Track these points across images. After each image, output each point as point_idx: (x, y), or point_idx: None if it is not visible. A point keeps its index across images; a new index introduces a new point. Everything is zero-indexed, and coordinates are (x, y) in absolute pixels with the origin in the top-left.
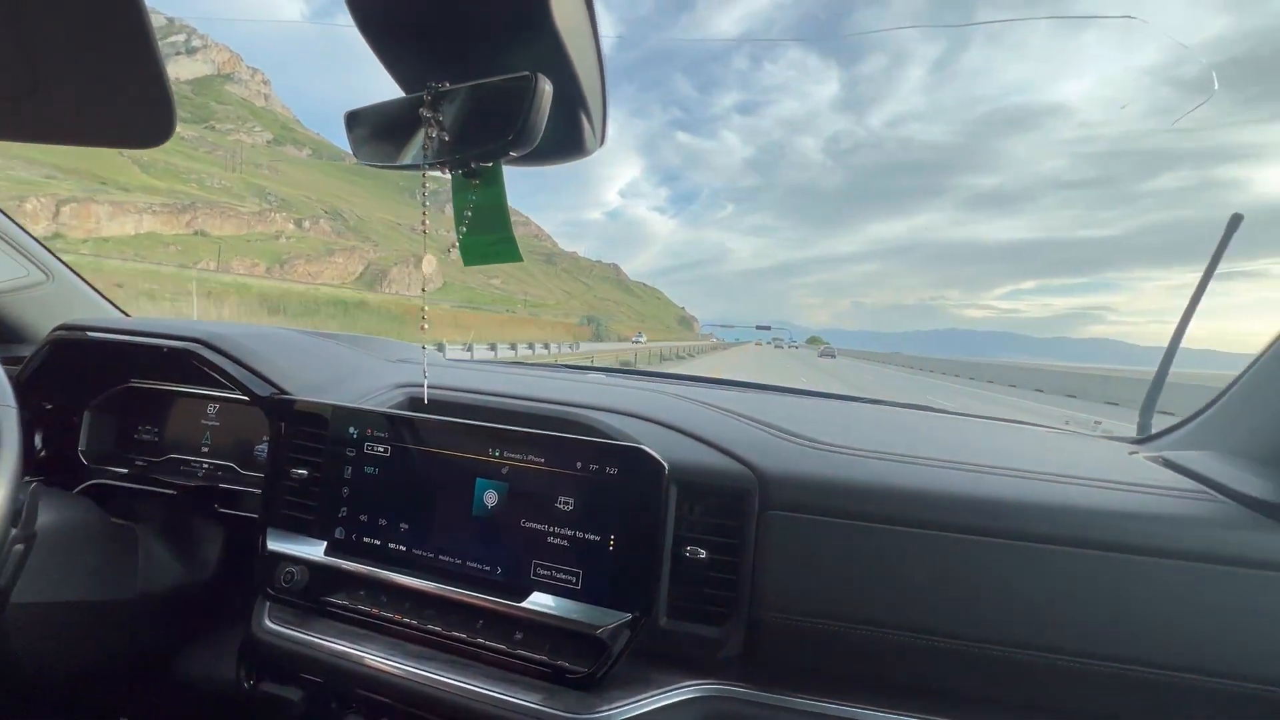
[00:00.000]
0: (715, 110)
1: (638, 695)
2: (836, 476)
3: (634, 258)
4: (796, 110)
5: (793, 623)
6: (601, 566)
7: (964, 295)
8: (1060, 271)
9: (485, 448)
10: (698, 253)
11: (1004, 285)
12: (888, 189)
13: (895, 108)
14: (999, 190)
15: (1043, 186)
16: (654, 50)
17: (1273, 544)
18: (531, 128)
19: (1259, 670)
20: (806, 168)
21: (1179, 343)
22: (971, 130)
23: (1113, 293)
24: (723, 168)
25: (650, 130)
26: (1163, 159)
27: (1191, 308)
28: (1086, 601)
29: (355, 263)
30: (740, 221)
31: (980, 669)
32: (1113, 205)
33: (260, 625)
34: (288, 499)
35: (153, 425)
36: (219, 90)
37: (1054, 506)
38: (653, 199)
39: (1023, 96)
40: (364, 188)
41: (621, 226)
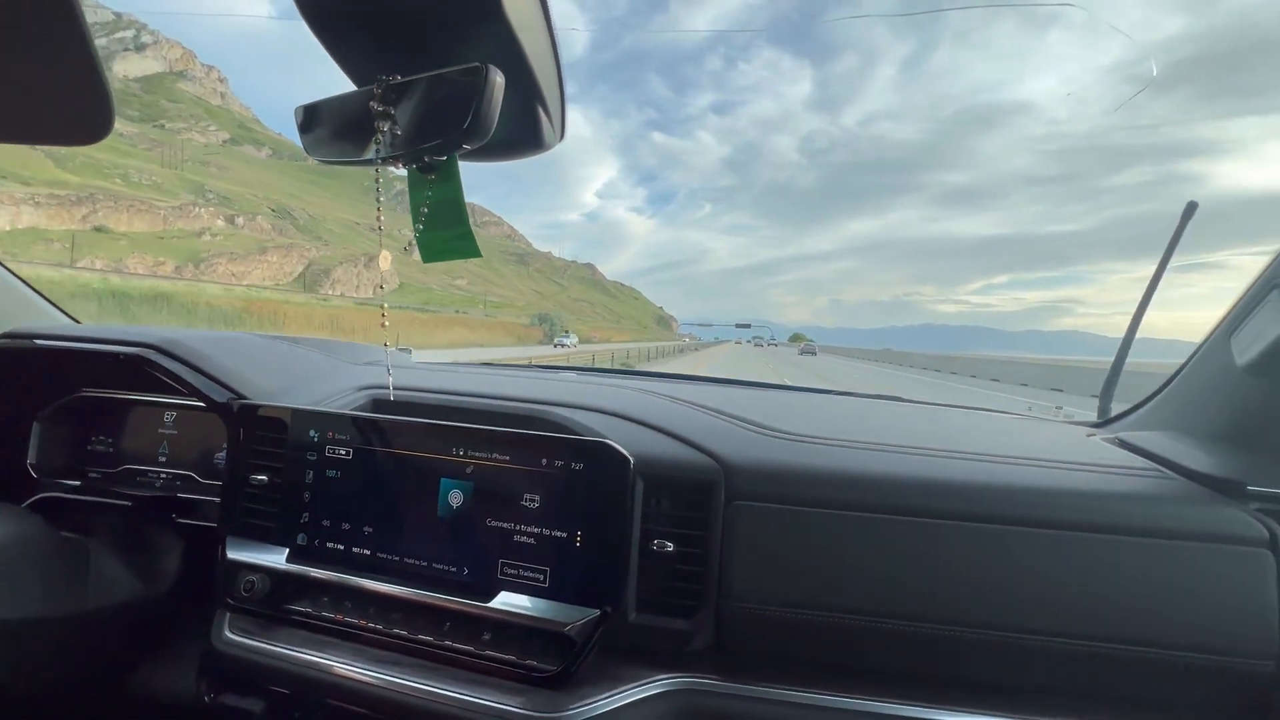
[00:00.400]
0: (690, 110)
1: (608, 691)
2: (801, 465)
3: (613, 258)
4: (771, 110)
5: (762, 612)
6: (569, 563)
7: (938, 291)
8: (1030, 266)
9: (449, 447)
10: (676, 253)
11: (977, 280)
12: (862, 187)
13: (867, 106)
14: (969, 187)
15: (1012, 183)
16: (628, 50)
17: (1219, 517)
18: (484, 120)
19: (1211, 642)
20: (782, 167)
21: (1137, 329)
22: (942, 128)
23: (1081, 285)
24: (699, 168)
25: (626, 131)
26: (1125, 155)
27: (1149, 294)
28: (1045, 580)
29: (293, 261)
30: (718, 221)
31: (947, 651)
32: (1079, 200)
33: (220, 637)
34: (247, 506)
35: (107, 435)
36: (171, 88)
37: (1012, 488)
38: (630, 199)
39: (990, 95)
40: (325, 187)
41: (600, 228)
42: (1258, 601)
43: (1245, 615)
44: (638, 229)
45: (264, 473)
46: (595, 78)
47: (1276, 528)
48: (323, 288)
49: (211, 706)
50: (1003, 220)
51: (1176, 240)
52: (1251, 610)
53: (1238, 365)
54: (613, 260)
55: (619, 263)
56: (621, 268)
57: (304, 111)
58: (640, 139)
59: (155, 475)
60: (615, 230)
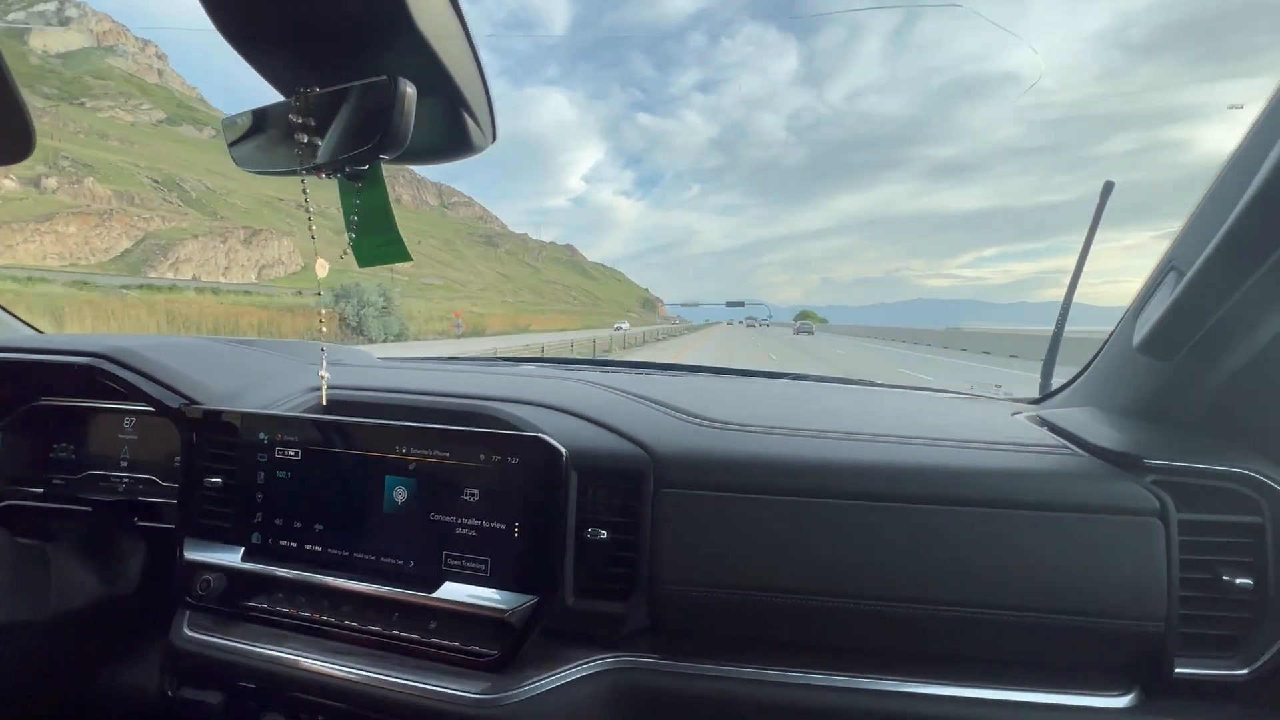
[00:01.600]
0: (675, 90)
1: (549, 672)
2: (725, 452)
3: (602, 243)
4: (757, 87)
5: (691, 593)
6: (508, 553)
7: (928, 265)
8: (1019, 237)
9: (393, 445)
10: (666, 235)
11: (967, 253)
12: (850, 163)
13: (854, 81)
14: (957, 160)
15: (1000, 155)
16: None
17: (1117, 490)
18: (397, 131)
19: (1109, 607)
20: (770, 145)
21: (1070, 303)
22: (929, 101)
23: (1069, 256)
24: (686, 148)
25: (611, 112)
26: (1112, 123)
27: (1078, 270)
28: (958, 555)
29: (112, 235)
30: (706, 202)
31: (867, 623)
32: (1067, 170)
33: (180, 634)
34: (204, 508)
35: (69, 443)
36: (98, 64)
37: (926, 468)
38: (618, 183)
39: (977, 65)
40: None
41: (587, 213)
42: (1149, 568)
43: (1138, 581)
44: (626, 213)
45: (218, 475)
46: (578, 58)
47: (1167, 499)
48: (156, 268)
49: (174, 701)
50: (991, 193)
51: (1098, 219)
52: (1143, 576)
53: (1133, 345)
54: (602, 245)
55: (608, 247)
56: (611, 252)
57: (230, 123)
58: (626, 120)
59: (118, 480)
60: (603, 215)
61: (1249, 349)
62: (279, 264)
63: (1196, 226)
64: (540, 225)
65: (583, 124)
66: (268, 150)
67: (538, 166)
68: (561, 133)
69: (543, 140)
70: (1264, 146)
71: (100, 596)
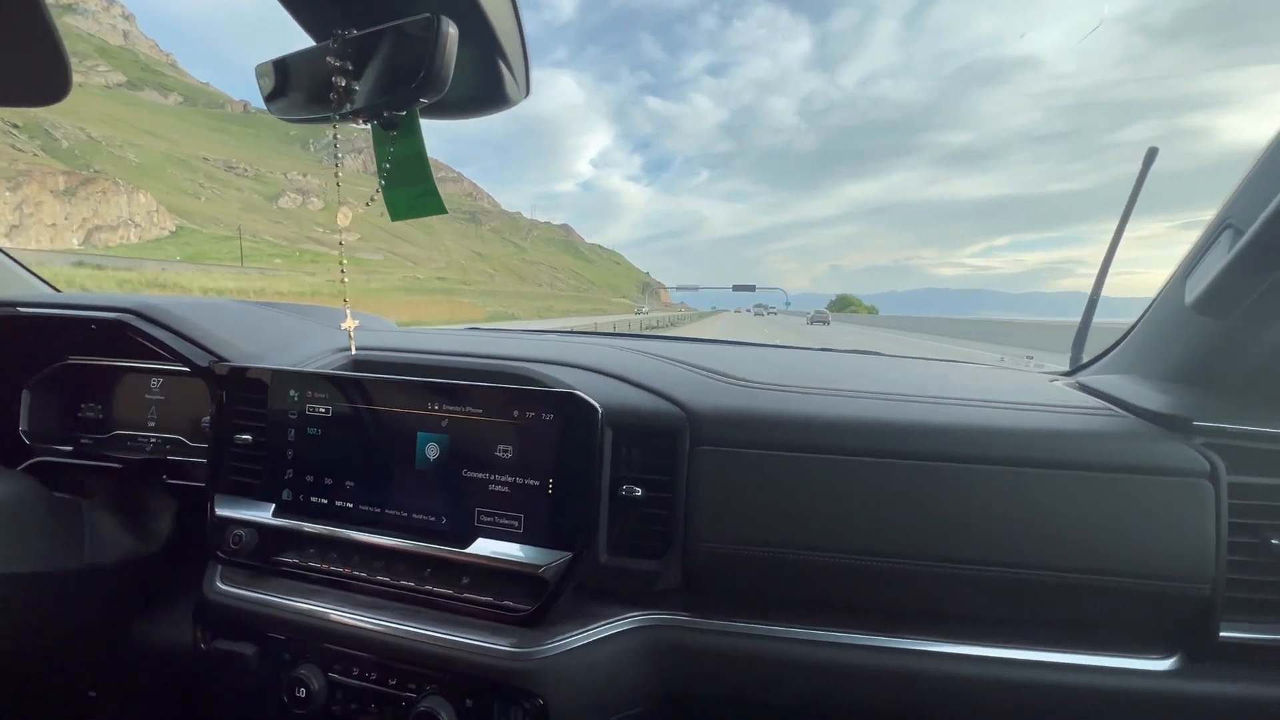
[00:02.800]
0: (685, 73)
1: (581, 628)
2: (762, 410)
3: (610, 228)
4: (768, 70)
5: (726, 551)
6: (541, 509)
7: (939, 254)
8: (1032, 226)
9: (424, 402)
10: (674, 221)
11: (978, 242)
12: (862, 149)
13: (867, 65)
14: (971, 147)
15: (1014, 141)
16: (619, 9)
17: (1165, 451)
18: (439, 72)
19: (1155, 568)
20: (780, 130)
21: (1105, 276)
22: (943, 86)
23: (1083, 246)
24: (695, 133)
25: (619, 96)
26: (1131, 109)
27: (1115, 240)
28: (1000, 514)
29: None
30: (715, 188)
31: (906, 583)
32: (1083, 158)
33: (212, 587)
34: (233, 465)
35: (96, 402)
36: None
37: (967, 428)
38: (626, 168)
39: (993, 50)
40: (236, 135)
41: (596, 198)
42: (1197, 530)
43: (1186, 543)
44: (634, 198)
45: (247, 432)
46: (586, 40)
47: (1217, 460)
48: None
49: (207, 652)
50: (1005, 180)
51: (1139, 188)
52: (1192, 538)
53: (1186, 305)
54: (609, 230)
55: (615, 233)
56: (619, 237)
57: (265, 70)
58: (634, 104)
59: (145, 439)
60: (611, 200)
61: None
62: (127, 226)
63: (1255, 183)
64: (535, 205)
65: (591, 107)
66: (303, 96)
67: (545, 150)
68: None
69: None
70: None
71: (132, 551)
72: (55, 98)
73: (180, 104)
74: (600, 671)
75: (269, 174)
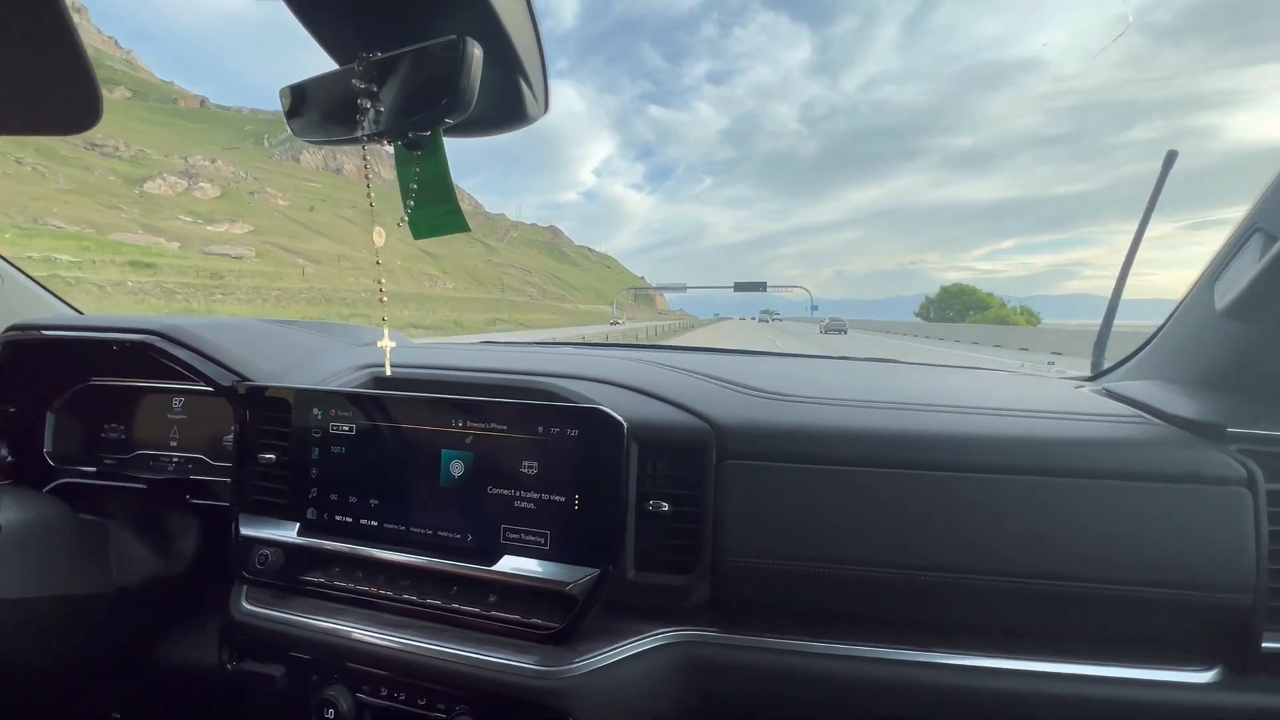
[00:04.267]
0: (686, 81)
1: (609, 645)
2: (788, 423)
3: (614, 237)
4: (769, 77)
5: (755, 565)
6: (568, 526)
7: (944, 258)
8: (1037, 229)
9: (449, 419)
10: (678, 229)
11: (983, 246)
12: (865, 154)
13: (869, 69)
14: (975, 150)
15: (1019, 144)
16: (620, 19)
17: (1200, 459)
18: (464, 93)
19: (1193, 578)
20: (782, 136)
21: (1125, 279)
22: (946, 89)
23: (1089, 248)
24: (698, 140)
25: (621, 105)
26: (1136, 110)
27: (1136, 242)
28: (1032, 526)
29: None
30: (718, 194)
31: (937, 596)
32: (1088, 159)
33: (238, 608)
34: (257, 484)
35: (119, 423)
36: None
37: (997, 438)
38: (629, 176)
39: (996, 52)
40: (179, 130)
41: (599, 206)
42: (1236, 539)
43: (1225, 552)
44: (637, 206)
45: (271, 451)
46: (587, 50)
47: (1255, 467)
48: None
49: (234, 674)
50: (1009, 183)
51: (1159, 188)
52: (1230, 547)
53: (1217, 310)
54: (614, 239)
55: (620, 241)
56: (623, 246)
57: (289, 93)
58: (636, 113)
59: (168, 459)
60: (615, 208)
61: None
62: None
63: None
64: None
65: (593, 117)
66: (328, 118)
67: (549, 160)
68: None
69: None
70: None
71: (157, 571)
72: (85, 125)
73: (128, 99)
74: (630, 689)
75: (157, 158)
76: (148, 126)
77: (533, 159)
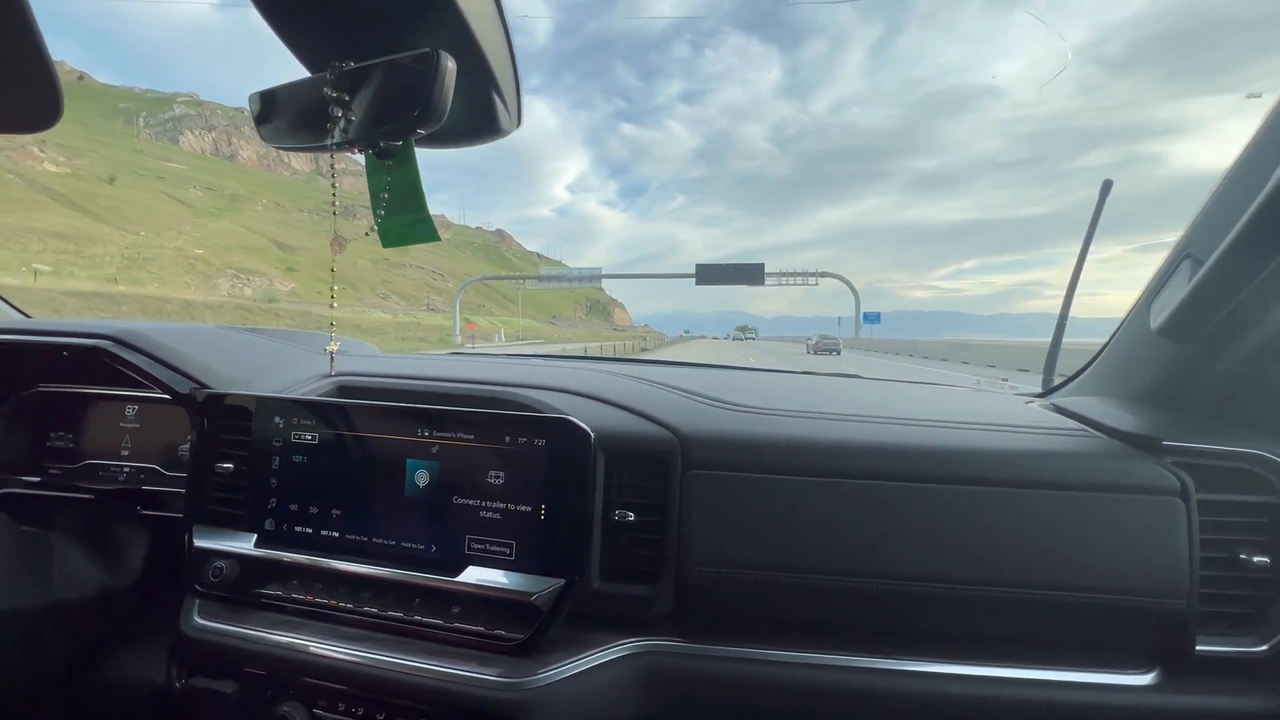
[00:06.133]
0: (659, 100)
1: (574, 656)
2: (753, 434)
3: (587, 254)
4: (740, 97)
5: (719, 575)
6: (533, 536)
7: (910, 277)
8: (999, 250)
9: (414, 428)
10: (651, 246)
11: (948, 265)
12: (834, 175)
13: (837, 92)
14: (939, 172)
15: (980, 167)
16: (593, 37)
17: (1137, 470)
18: (437, 105)
19: (1131, 585)
20: (754, 156)
21: (1071, 302)
22: (911, 113)
23: (1047, 268)
24: (671, 158)
25: (595, 122)
26: (1090, 137)
27: (1078, 267)
28: (982, 534)
29: None
30: (691, 213)
31: (894, 604)
32: (1046, 184)
33: (190, 622)
34: (214, 494)
35: (66, 431)
36: None
37: (951, 449)
38: (602, 193)
39: (959, 78)
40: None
41: (573, 223)
42: (1171, 546)
43: (1160, 558)
44: (611, 223)
45: (229, 461)
46: (561, 67)
47: (1187, 478)
48: None
49: (184, 691)
50: (971, 205)
51: (1097, 216)
52: (1166, 554)
53: (1152, 330)
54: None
55: (593, 257)
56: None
57: (259, 99)
58: (609, 130)
59: (118, 469)
60: (588, 225)
61: (1261, 334)
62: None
63: (1211, 215)
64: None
65: (566, 133)
66: (298, 126)
67: (523, 176)
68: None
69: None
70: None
71: (104, 586)
72: (45, 125)
73: None
74: (595, 699)
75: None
76: None
77: (506, 174)
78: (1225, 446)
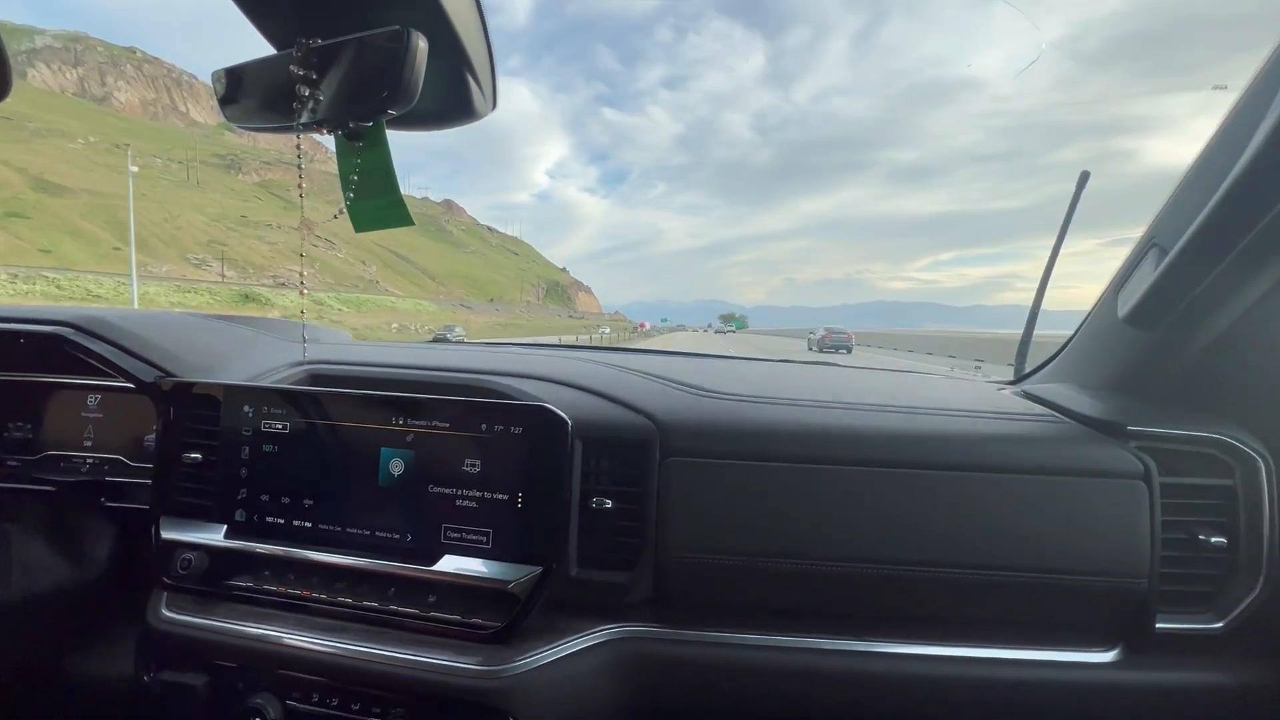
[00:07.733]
0: (641, 85)
1: (551, 643)
2: (731, 421)
3: (567, 240)
4: (723, 84)
5: (696, 561)
6: (511, 524)
7: (888, 268)
8: (974, 242)
9: (389, 417)
10: (632, 233)
11: (924, 257)
12: (814, 165)
13: (819, 81)
14: (918, 164)
15: (958, 160)
16: (574, 19)
17: (1103, 454)
18: (408, 85)
19: (1095, 565)
20: (736, 144)
21: (1044, 292)
22: (891, 105)
23: (1022, 261)
24: (652, 145)
25: (575, 106)
26: (1066, 131)
27: (1053, 256)
28: (955, 517)
29: None
30: (672, 200)
31: (869, 587)
32: (1022, 177)
33: (157, 615)
34: (181, 485)
35: (25, 421)
36: None
37: (924, 434)
38: (582, 179)
39: (939, 70)
40: None
41: (552, 209)
42: (1133, 528)
43: (1123, 539)
44: (591, 210)
45: (197, 451)
46: (540, 49)
47: (1150, 462)
48: None
49: (152, 685)
50: (949, 197)
51: (1074, 207)
52: (1128, 535)
53: (1119, 318)
54: (567, 242)
55: (574, 244)
56: (577, 250)
57: (223, 77)
58: (590, 115)
59: (81, 460)
60: (568, 211)
61: (1223, 322)
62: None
63: (1177, 206)
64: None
65: (546, 117)
66: (264, 105)
67: (501, 159)
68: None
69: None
70: (1243, 132)
71: (67, 579)
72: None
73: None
74: (572, 686)
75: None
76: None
77: (484, 157)
78: (1187, 431)
